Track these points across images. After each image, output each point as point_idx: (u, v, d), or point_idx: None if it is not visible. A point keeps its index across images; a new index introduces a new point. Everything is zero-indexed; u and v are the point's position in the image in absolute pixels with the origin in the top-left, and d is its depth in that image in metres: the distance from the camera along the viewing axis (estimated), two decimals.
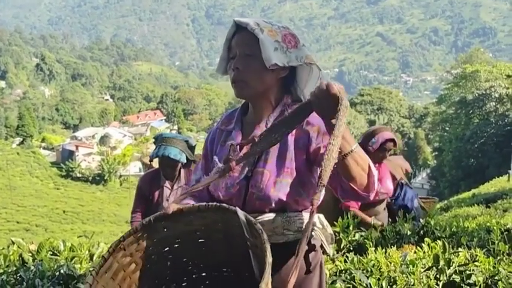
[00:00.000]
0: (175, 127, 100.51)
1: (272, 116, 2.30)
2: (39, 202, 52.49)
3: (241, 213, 1.89)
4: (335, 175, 2.05)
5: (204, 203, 1.98)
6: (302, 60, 2.26)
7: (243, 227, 1.87)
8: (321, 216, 2.41)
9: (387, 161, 5.98)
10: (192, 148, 5.14)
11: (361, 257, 3.66)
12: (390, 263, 3.42)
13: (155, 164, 5.61)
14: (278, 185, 2.20)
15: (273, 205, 2.21)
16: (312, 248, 2.29)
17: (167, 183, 5.18)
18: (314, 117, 2.13)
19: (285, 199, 2.22)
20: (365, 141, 5.23)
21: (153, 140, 5.39)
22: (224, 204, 1.96)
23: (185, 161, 5.03)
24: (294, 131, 2.23)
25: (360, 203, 5.20)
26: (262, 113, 2.33)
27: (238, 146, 2.22)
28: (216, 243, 2.04)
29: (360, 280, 3.14)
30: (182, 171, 5.22)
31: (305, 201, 2.29)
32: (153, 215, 2.00)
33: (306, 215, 2.32)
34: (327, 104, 1.98)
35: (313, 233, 2.32)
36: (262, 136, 2.07)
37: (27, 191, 56.73)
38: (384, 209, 5.45)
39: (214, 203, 1.99)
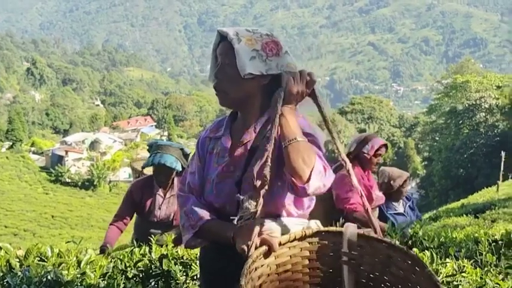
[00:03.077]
0: (166, 133, 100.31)
1: (260, 122, 2.32)
2: (27, 207, 52.17)
3: (349, 230, 1.94)
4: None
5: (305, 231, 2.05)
6: (282, 69, 2.26)
7: (344, 241, 1.93)
8: (318, 222, 2.39)
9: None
10: (186, 156, 5.09)
11: None
12: None
13: (147, 171, 5.55)
14: (270, 190, 2.16)
15: (267, 210, 2.18)
16: None
17: (160, 191, 5.13)
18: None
19: (278, 204, 2.24)
20: (359, 148, 5.24)
21: (147, 147, 5.32)
22: (322, 228, 2.08)
23: (180, 169, 4.98)
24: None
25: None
26: (250, 119, 2.34)
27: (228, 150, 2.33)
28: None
29: None
30: (175, 179, 5.16)
31: (299, 205, 2.30)
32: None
33: (303, 220, 2.34)
34: (302, 90, 2.15)
35: None
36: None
37: (16, 195, 56.37)
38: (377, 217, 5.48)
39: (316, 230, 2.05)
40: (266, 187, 2.04)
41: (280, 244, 1.99)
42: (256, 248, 2.01)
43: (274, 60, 2.25)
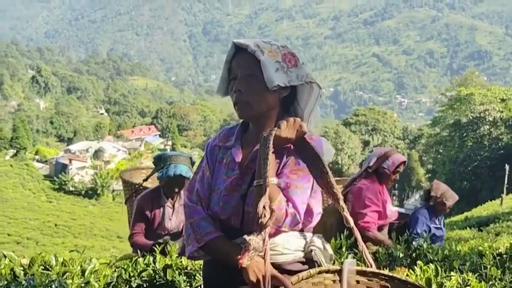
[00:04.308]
0: (170, 143, 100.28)
1: None
2: (31, 215, 52.15)
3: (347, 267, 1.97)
4: None
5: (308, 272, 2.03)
6: (303, 79, 2.27)
7: (343, 279, 1.95)
8: (321, 237, 2.39)
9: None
10: (193, 165, 5.08)
11: None
12: None
13: (149, 183, 5.47)
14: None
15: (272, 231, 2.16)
16: (311, 267, 2.26)
17: (168, 203, 5.06)
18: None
19: (282, 225, 2.20)
20: (379, 163, 5.26)
21: (154, 160, 5.20)
22: (325, 267, 2.09)
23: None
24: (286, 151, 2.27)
25: (377, 224, 5.28)
26: (263, 131, 2.28)
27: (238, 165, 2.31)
28: None
29: None
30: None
31: (303, 220, 2.27)
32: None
33: (305, 234, 2.33)
34: (290, 136, 2.16)
35: (313, 253, 2.29)
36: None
37: (19, 203, 56.35)
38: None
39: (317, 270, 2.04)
40: (271, 223, 2.01)
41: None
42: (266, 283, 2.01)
43: (294, 71, 2.25)
